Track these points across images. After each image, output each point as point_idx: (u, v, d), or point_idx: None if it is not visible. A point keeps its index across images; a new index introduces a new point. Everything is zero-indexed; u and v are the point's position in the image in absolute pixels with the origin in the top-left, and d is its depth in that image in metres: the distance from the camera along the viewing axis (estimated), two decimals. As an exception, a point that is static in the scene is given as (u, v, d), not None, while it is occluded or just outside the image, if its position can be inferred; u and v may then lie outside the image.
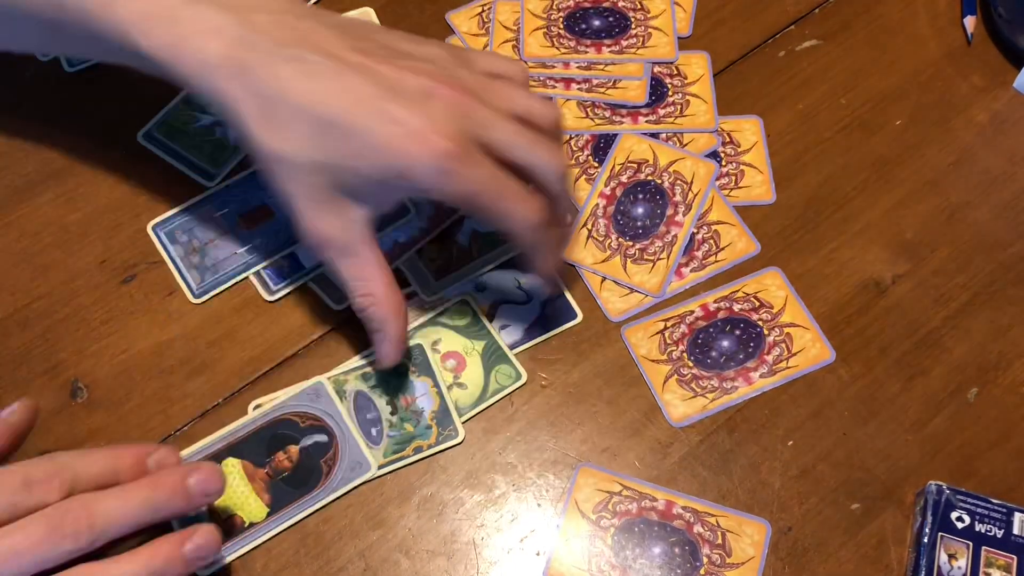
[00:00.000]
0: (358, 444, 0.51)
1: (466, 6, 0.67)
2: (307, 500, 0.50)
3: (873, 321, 0.57)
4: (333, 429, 0.51)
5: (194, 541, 0.43)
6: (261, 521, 0.49)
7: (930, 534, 0.50)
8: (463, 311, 0.55)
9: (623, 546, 0.51)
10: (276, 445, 0.51)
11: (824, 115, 0.64)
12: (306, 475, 0.50)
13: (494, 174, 0.46)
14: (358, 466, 0.50)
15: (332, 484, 0.50)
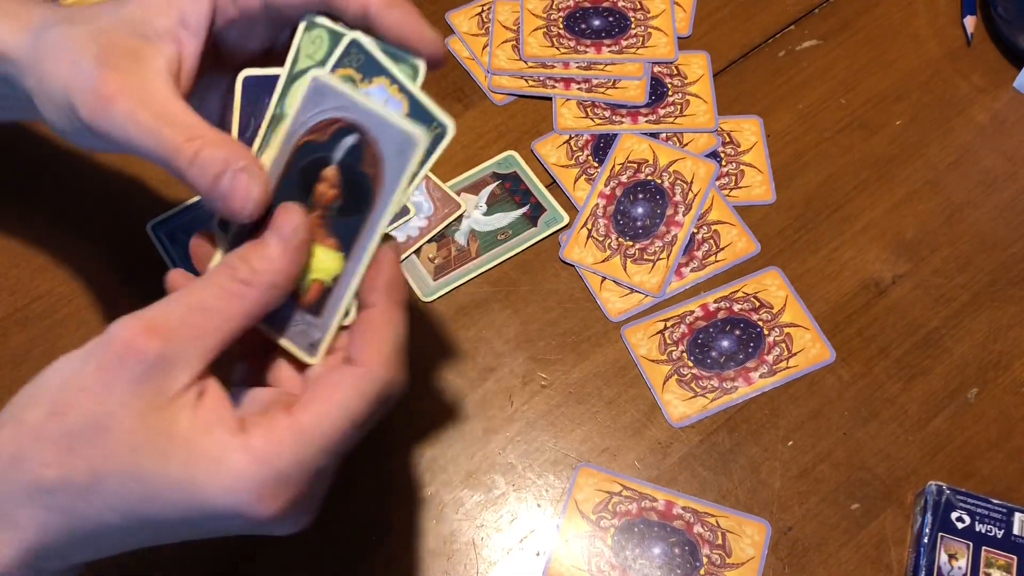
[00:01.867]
0: (390, 121, 0.38)
1: (466, 6, 0.67)
2: (374, 217, 0.39)
3: (873, 321, 0.57)
4: (357, 121, 0.39)
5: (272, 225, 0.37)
6: (341, 269, 0.39)
7: (930, 534, 0.50)
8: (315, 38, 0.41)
9: (623, 546, 0.51)
10: (309, 178, 0.40)
11: (824, 115, 0.64)
12: (359, 192, 0.39)
13: None
14: (406, 144, 0.38)
15: (389, 182, 0.38)
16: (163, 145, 0.38)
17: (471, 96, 0.64)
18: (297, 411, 0.35)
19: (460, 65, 0.65)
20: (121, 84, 0.38)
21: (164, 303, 0.36)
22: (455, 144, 0.62)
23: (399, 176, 0.38)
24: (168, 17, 0.40)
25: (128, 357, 0.34)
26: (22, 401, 0.36)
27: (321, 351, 0.39)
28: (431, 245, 0.58)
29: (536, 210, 0.60)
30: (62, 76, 0.40)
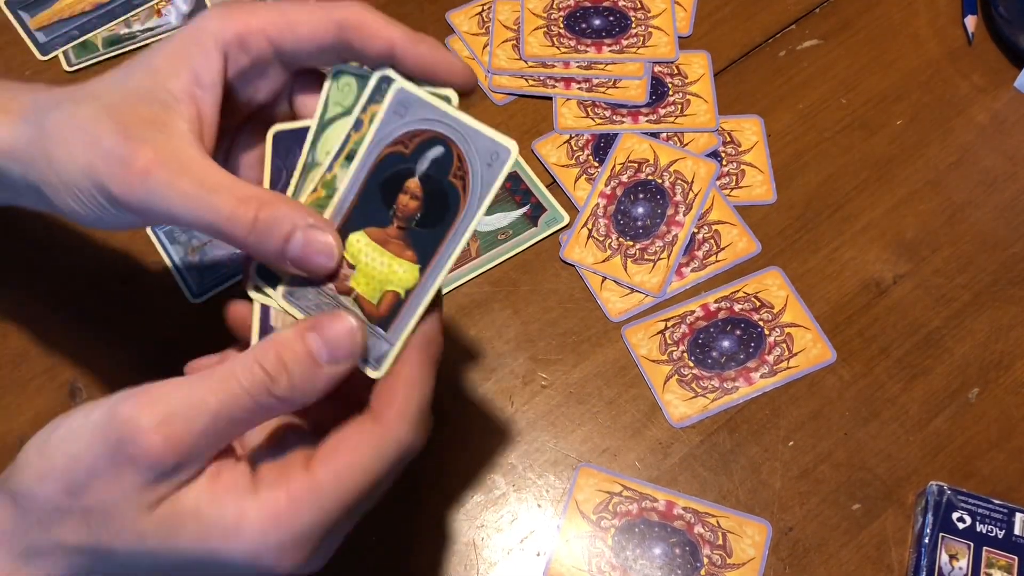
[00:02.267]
0: (481, 132, 0.38)
1: (466, 5, 0.67)
2: (458, 228, 0.38)
3: (874, 321, 0.57)
4: (444, 132, 0.38)
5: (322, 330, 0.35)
6: (417, 281, 0.38)
7: (931, 534, 0.49)
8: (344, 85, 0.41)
9: (623, 547, 0.51)
10: (391, 190, 0.38)
11: (825, 115, 0.64)
12: (441, 203, 0.38)
13: None
14: (495, 156, 0.38)
15: (477, 193, 0.38)
16: (214, 213, 0.36)
17: (471, 96, 0.64)
18: (316, 468, 0.35)
19: (460, 65, 0.65)
20: (154, 154, 0.36)
21: (188, 401, 0.34)
22: (455, 144, 0.62)
23: (488, 187, 0.38)
24: (181, 79, 0.38)
25: (141, 461, 0.33)
26: (31, 471, 0.35)
27: (386, 366, 0.37)
28: (431, 245, 0.58)
29: (536, 210, 0.60)
30: (80, 159, 0.37)
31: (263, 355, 0.34)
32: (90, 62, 0.64)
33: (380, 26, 0.39)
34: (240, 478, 0.34)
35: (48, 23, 0.65)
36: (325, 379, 0.35)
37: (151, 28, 0.65)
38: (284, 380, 0.34)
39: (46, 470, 0.34)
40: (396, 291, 0.38)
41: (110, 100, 0.38)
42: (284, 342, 0.35)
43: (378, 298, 0.38)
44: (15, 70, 0.64)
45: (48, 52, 0.64)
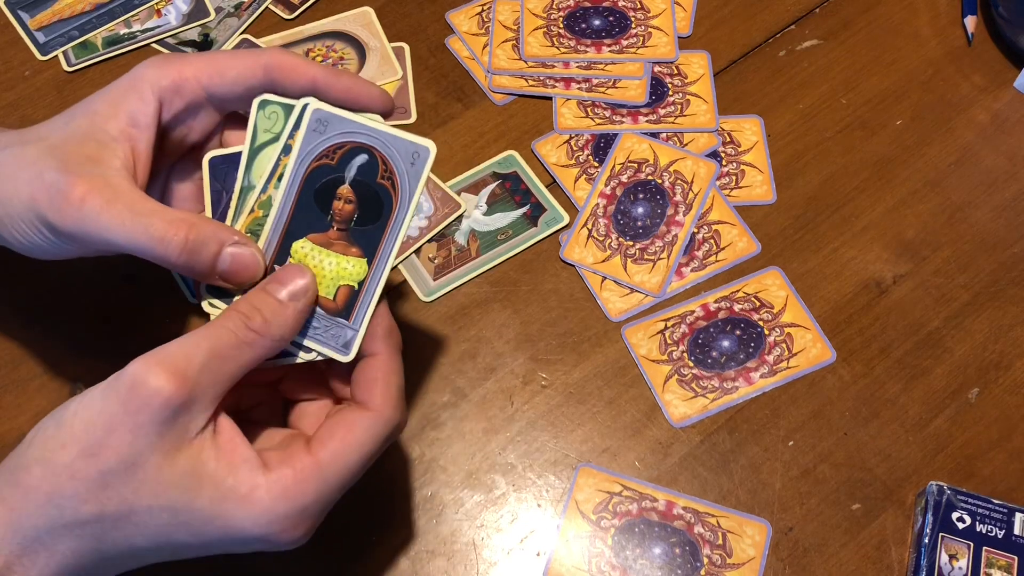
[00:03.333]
0: (399, 136, 0.42)
1: (466, 5, 0.67)
2: (395, 224, 0.43)
3: (874, 321, 0.57)
4: (364, 141, 0.43)
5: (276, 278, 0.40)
6: (367, 273, 0.43)
7: (931, 534, 0.49)
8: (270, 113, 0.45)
9: (623, 546, 0.51)
10: (326, 198, 0.43)
11: (825, 115, 0.64)
12: (375, 203, 0.43)
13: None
14: (416, 155, 0.42)
15: (407, 190, 0.43)
16: (146, 236, 0.40)
17: (471, 96, 0.64)
18: (317, 450, 0.39)
19: (460, 65, 0.65)
20: (89, 185, 0.40)
21: (183, 346, 0.38)
22: (455, 144, 0.62)
23: (416, 182, 0.42)
24: (118, 120, 0.42)
25: (154, 401, 0.36)
26: (47, 442, 0.37)
27: (354, 349, 0.42)
28: (431, 245, 0.58)
29: (536, 210, 0.60)
30: (24, 192, 0.41)
31: (238, 305, 0.40)
32: (90, 62, 0.64)
33: (302, 66, 0.43)
34: (251, 455, 0.38)
35: (48, 23, 0.65)
36: (293, 313, 0.40)
37: (151, 28, 0.65)
38: (257, 316, 0.39)
39: (65, 438, 0.37)
40: (350, 284, 0.43)
41: (53, 141, 0.42)
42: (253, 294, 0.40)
43: (333, 293, 0.43)
44: (15, 70, 0.64)
45: (48, 52, 0.64)
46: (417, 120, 0.63)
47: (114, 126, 0.42)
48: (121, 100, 0.43)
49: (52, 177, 0.41)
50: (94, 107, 0.43)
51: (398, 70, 0.65)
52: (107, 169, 0.41)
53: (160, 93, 0.43)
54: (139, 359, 0.37)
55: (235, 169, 0.45)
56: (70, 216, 0.40)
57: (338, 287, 0.43)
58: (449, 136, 0.62)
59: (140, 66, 0.44)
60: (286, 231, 0.43)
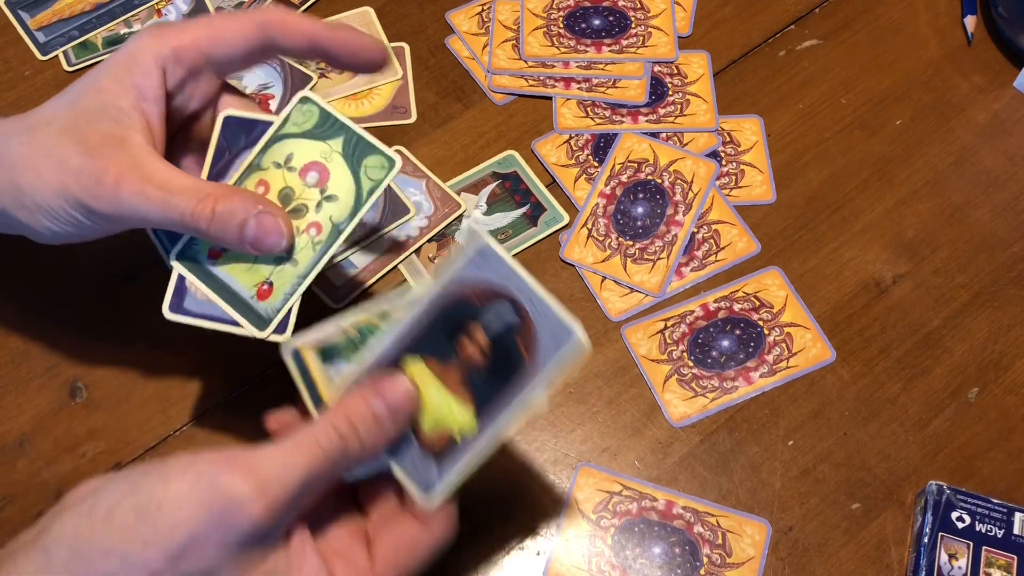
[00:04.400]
0: (551, 308, 0.39)
1: (466, 5, 0.67)
2: (519, 393, 0.40)
3: (874, 321, 0.57)
4: (516, 297, 0.40)
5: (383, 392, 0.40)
6: (471, 429, 0.41)
7: (930, 534, 0.50)
8: (306, 111, 0.45)
9: (623, 546, 0.51)
10: (455, 331, 0.41)
11: (824, 115, 0.64)
12: (506, 362, 0.40)
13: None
14: (564, 336, 0.39)
15: (542, 367, 0.39)
16: (178, 212, 0.41)
17: (471, 96, 0.64)
18: (380, 566, 0.40)
19: (460, 65, 0.65)
20: (119, 167, 0.41)
21: (282, 468, 0.37)
22: (455, 144, 0.62)
23: (551, 363, 0.39)
24: (128, 96, 0.42)
25: (246, 526, 0.36)
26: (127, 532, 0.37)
27: (436, 500, 0.41)
28: (431, 245, 0.58)
29: (536, 210, 0.60)
30: (52, 180, 0.41)
31: (337, 420, 0.39)
32: (90, 62, 0.64)
33: (299, 21, 0.43)
34: (319, 564, 0.39)
35: (48, 23, 0.65)
36: (388, 435, 0.40)
37: (151, 28, 0.66)
38: (355, 440, 0.39)
39: (148, 535, 0.36)
40: (452, 431, 0.41)
41: (65, 123, 0.42)
42: (353, 406, 0.40)
43: (433, 430, 0.41)
44: (15, 70, 0.64)
45: (48, 52, 0.64)
46: (417, 120, 0.63)
47: (126, 101, 0.42)
48: (125, 74, 0.43)
49: (79, 162, 0.41)
50: (99, 84, 0.43)
51: (398, 70, 0.65)
52: (131, 146, 0.42)
53: (162, 63, 0.43)
54: (235, 471, 0.37)
55: (243, 134, 0.45)
56: (106, 200, 0.41)
57: (440, 427, 0.41)
58: (449, 136, 0.62)
59: (136, 37, 0.43)
60: (407, 343, 0.42)
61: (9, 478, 0.51)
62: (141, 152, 0.42)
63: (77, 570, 0.36)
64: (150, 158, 0.42)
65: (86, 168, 0.41)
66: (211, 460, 0.37)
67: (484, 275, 0.40)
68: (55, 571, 0.36)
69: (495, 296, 0.40)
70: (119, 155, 0.41)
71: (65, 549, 0.37)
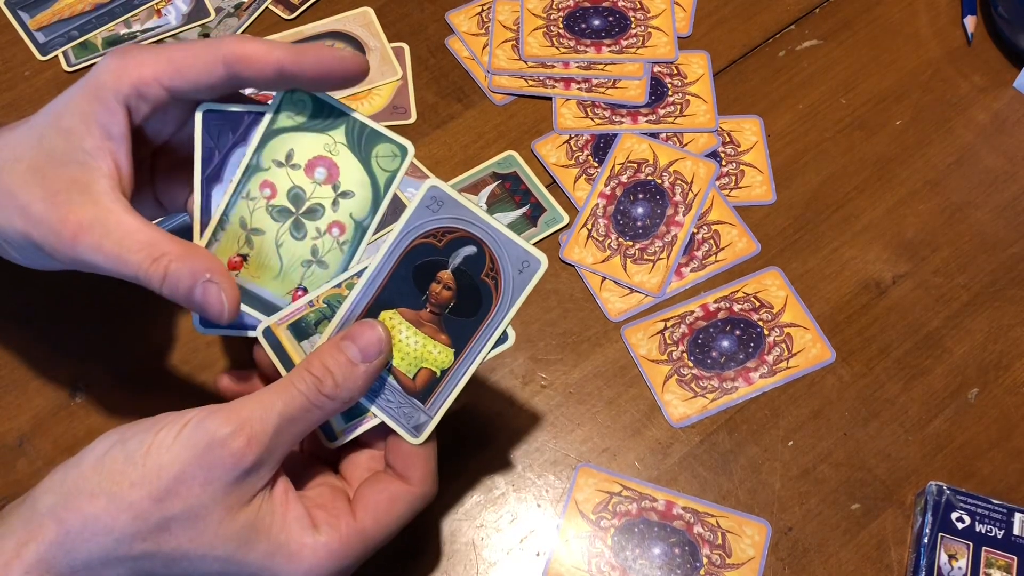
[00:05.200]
0: (512, 240, 0.41)
1: (466, 5, 0.67)
2: (490, 324, 0.42)
3: (873, 321, 0.57)
4: (476, 234, 0.42)
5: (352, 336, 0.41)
6: (452, 364, 0.43)
7: (930, 534, 0.50)
8: (297, 100, 0.43)
9: (623, 546, 0.51)
10: (424, 277, 0.43)
11: (824, 115, 0.64)
12: (474, 297, 0.42)
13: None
14: (526, 264, 0.41)
15: (509, 296, 0.42)
16: (132, 269, 0.41)
17: (471, 96, 0.64)
18: (361, 517, 0.42)
19: (460, 65, 0.65)
20: (79, 220, 0.40)
21: (259, 408, 0.39)
22: (455, 144, 0.62)
23: (521, 290, 0.42)
24: (92, 136, 0.42)
25: (229, 462, 0.38)
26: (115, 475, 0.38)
27: (424, 435, 0.43)
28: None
29: (536, 210, 0.60)
30: (16, 222, 0.42)
31: (310, 364, 0.41)
32: (90, 62, 0.64)
33: (263, 52, 0.41)
34: (303, 513, 0.40)
35: (48, 23, 0.65)
36: (363, 375, 0.41)
37: (151, 28, 0.65)
38: (329, 380, 0.40)
39: (135, 477, 0.38)
40: (432, 370, 0.43)
41: (32, 162, 0.42)
42: (324, 351, 0.41)
43: (413, 373, 0.43)
44: (15, 70, 0.64)
45: (48, 52, 0.64)
46: (417, 120, 0.63)
47: (90, 143, 0.42)
48: (89, 113, 0.42)
49: (40, 210, 0.41)
50: (63, 124, 0.42)
51: (398, 70, 0.65)
52: (95, 194, 0.41)
53: (124, 100, 0.42)
54: (217, 414, 0.39)
55: (230, 128, 0.44)
56: (63, 252, 0.41)
57: (419, 368, 0.43)
58: (449, 136, 0.62)
59: (96, 72, 0.42)
60: (376, 299, 0.43)
61: (9, 478, 0.52)
62: (105, 200, 0.41)
63: (61, 514, 0.38)
64: (114, 207, 0.41)
65: (46, 219, 0.41)
66: (197, 410, 0.39)
67: (439, 217, 0.42)
68: (40, 518, 0.38)
69: (455, 237, 0.42)
70: (80, 205, 0.41)
71: (52, 496, 0.38)
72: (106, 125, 0.42)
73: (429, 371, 0.43)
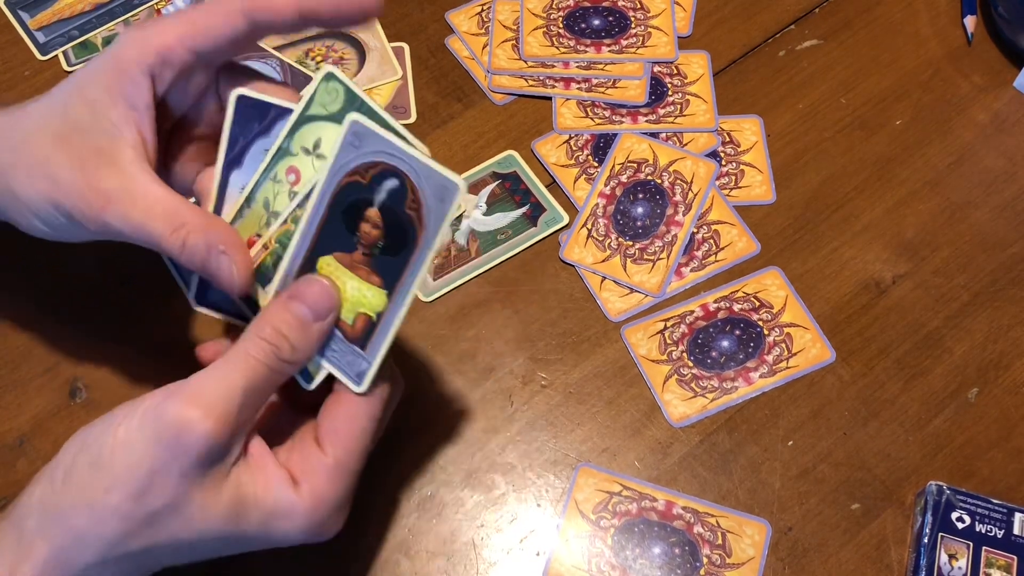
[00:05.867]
0: (429, 166, 0.39)
1: (466, 5, 0.67)
2: (416, 260, 0.41)
3: (873, 321, 0.57)
4: (396, 166, 0.40)
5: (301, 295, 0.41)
6: (386, 305, 0.42)
7: (930, 534, 0.50)
8: (332, 90, 0.43)
9: (623, 546, 0.51)
10: (354, 217, 0.42)
11: (824, 115, 0.64)
12: (400, 233, 0.41)
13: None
14: (444, 191, 0.39)
15: (431, 227, 0.40)
16: (155, 237, 0.42)
17: (471, 96, 0.64)
18: (330, 449, 0.41)
19: (460, 65, 0.65)
20: (107, 189, 0.41)
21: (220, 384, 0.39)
22: (455, 144, 0.62)
23: (440, 220, 0.40)
24: (118, 107, 0.42)
25: (199, 446, 0.38)
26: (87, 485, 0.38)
27: (367, 381, 0.42)
28: (431, 245, 0.58)
29: (536, 210, 0.60)
30: (41, 187, 0.42)
31: (261, 330, 0.40)
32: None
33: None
34: (281, 472, 0.41)
35: (48, 23, 0.65)
36: (317, 335, 0.41)
37: (151, 28, 0.65)
38: (285, 344, 0.40)
39: (107, 481, 0.38)
40: (368, 314, 0.42)
41: (59, 131, 0.42)
42: (274, 315, 0.41)
43: (352, 319, 0.42)
44: (15, 70, 0.64)
45: (48, 52, 0.64)
46: (417, 120, 0.63)
47: (115, 114, 0.42)
48: (114, 86, 0.42)
49: (69, 177, 0.42)
50: (88, 95, 0.43)
51: (398, 70, 0.65)
52: (121, 163, 0.42)
53: (148, 70, 0.42)
54: (177, 398, 0.38)
55: (256, 119, 0.44)
56: (91, 219, 0.42)
57: (357, 313, 0.42)
58: (449, 136, 0.62)
59: (119, 44, 0.43)
60: (314, 245, 0.42)
61: (9, 478, 0.52)
62: (131, 169, 0.42)
63: (49, 532, 0.38)
64: (140, 176, 0.42)
65: (75, 185, 0.42)
66: (150, 398, 0.39)
67: (362, 152, 0.41)
68: (28, 539, 0.38)
69: (378, 172, 0.41)
70: (109, 173, 0.42)
71: (35, 517, 0.38)
72: (130, 96, 0.42)
73: (366, 316, 0.42)
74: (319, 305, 0.41)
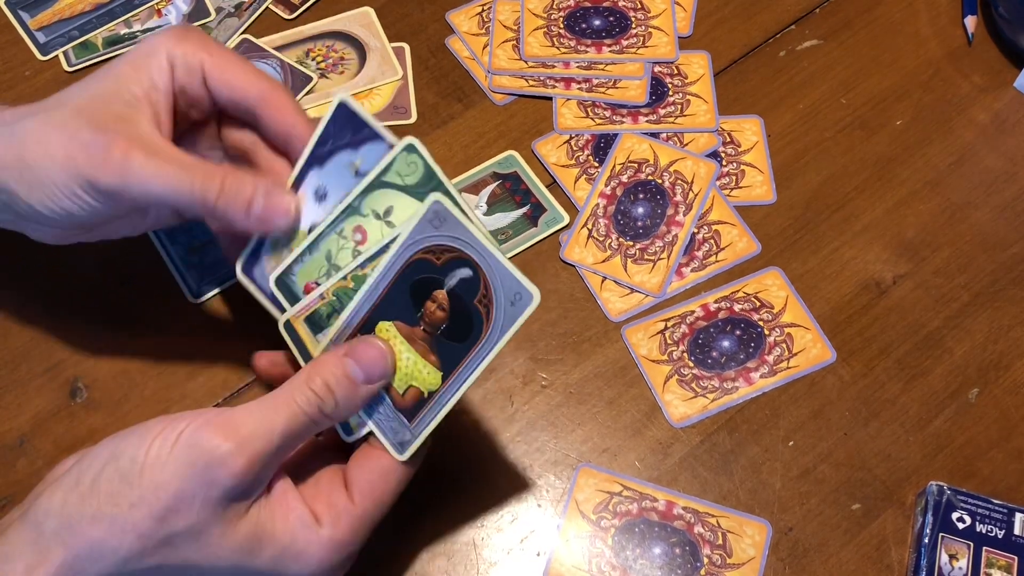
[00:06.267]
0: (507, 269, 0.40)
1: (466, 5, 0.67)
2: (479, 353, 0.41)
3: (874, 321, 0.57)
4: (473, 257, 0.41)
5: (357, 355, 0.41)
6: (438, 388, 0.42)
7: (931, 534, 0.50)
8: (411, 161, 0.43)
9: (623, 546, 0.51)
10: (421, 293, 0.42)
11: (825, 115, 0.64)
12: (465, 322, 0.41)
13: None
14: (519, 298, 0.40)
15: (499, 326, 0.41)
16: (187, 185, 0.42)
17: (471, 96, 0.64)
18: (358, 499, 0.42)
19: (460, 65, 0.65)
20: (128, 141, 0.42)
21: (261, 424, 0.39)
22: (455, 144, 0.62)
23: (511, 323, 0.41)
24: (141, 84, 0.44)
25: (228, 481, 0.38)
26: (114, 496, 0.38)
27: (409, 452, 0.43)
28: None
29: (536, 210, 0.60)
30: (59, 154, 0.42)
31: (311, 380, 0.40)
32: (90, 62, 0.64)
33: (289, 113, 0.45)
34: (304, 511, 0.41)
35: (48, 23, 0.65)
36: (363, 396, 0.42)
37: (151, 28, 0.65)
38: (331, 400, 0.40)
39: (134, 498, 0.38)
40: (420, 389, 0.42)
41: (79, 103, 0.43)
42: (327, 368, 0.41)
43: (403, 389, 0.43)
44: (15, 70, 0.64)
45: (48, 52, 0.64)
46: (417, 120, 0.63)
47: (137, 89, 0.44)
48: (143, 65, 0.44)
49: (88, 136, 0.42)
50: (117, 70, 0.44)
51: (398, 70, 0.65)
52: (139, 126, 0.43)
53: (171, 60, 0.44)
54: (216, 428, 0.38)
55: (350, 130, 0.44)
56: (113, 171, 0.41)
57: (409, 386, 0.43)
58: (449, 136, 0.62)
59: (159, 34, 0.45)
60: (376, 307, 0.43)
61: (9, 478, 0.52)
62: (150, 132, 0.43)
63: (67, 539, 0.38)
64: (157, 138, 0.43)
65: (96, 141, 0.42)
66: (190, 420, 0.39)
67: (440, 234, 0.41)
68: (46, 542, 0.38)
69: (453, 257, 0.41)
70: (129, 131, 0.42)
71: (55, 520, 0.38)
72: (155, 77, 0.44)
73: (417, 390, 0.43)
74: (373, 369, 0.41)
